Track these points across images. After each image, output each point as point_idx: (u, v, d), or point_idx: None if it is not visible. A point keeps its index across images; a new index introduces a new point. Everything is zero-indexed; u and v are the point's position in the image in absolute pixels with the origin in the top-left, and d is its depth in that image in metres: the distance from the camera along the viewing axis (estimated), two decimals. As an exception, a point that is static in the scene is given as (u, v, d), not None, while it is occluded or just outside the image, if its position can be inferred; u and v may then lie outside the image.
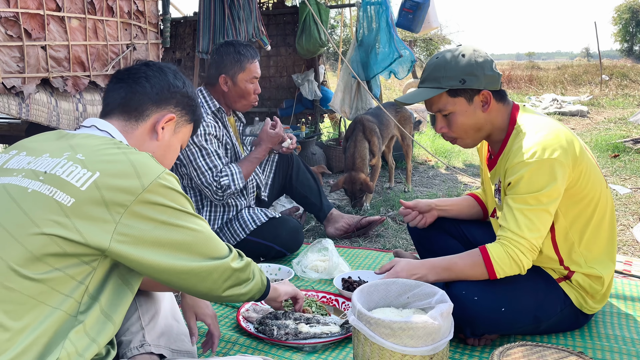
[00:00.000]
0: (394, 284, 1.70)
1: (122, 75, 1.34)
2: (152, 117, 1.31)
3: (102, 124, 1.26)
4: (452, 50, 1.78)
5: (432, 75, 1.76)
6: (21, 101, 2.30)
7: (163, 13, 3.47)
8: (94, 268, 1.08)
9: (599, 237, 1.77)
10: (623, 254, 2.79)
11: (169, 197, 1.13)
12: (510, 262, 1.65)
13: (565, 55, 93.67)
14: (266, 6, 6.33)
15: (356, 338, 1.54)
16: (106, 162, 1.11)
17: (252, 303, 2.12)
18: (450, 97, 1.75)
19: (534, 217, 1.63)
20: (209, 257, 1.20)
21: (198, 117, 1.44)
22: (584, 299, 1.80)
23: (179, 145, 1.40)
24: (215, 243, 1.23)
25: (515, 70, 19.04)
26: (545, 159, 1.61)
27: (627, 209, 3.60)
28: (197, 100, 1.43)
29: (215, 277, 1.23)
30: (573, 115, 9.42)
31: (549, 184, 1.61)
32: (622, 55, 31.40)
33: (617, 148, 5.84)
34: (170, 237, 1.12)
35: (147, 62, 1.37)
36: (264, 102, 6.61)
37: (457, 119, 1.76)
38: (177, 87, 1.35)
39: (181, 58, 6.68)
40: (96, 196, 1.06)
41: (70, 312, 1.05)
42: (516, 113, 1.80)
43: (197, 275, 1.19)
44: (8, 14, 2.24)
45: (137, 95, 1.30)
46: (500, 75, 1.79)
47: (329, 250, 2.55)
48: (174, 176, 1.17)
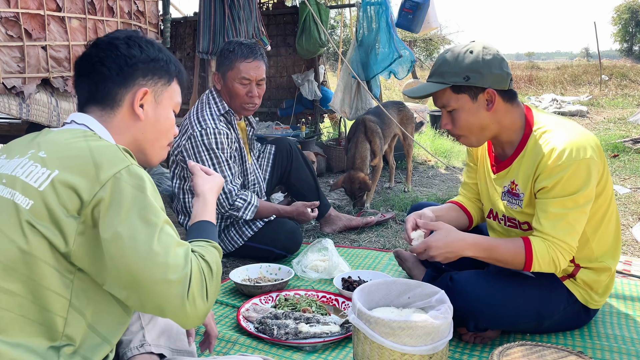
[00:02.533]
0: (394, 283, 1.71)
1: (79, 68, 1.24)
2: (126, 99, 1.21)
3: (80, 118, 1.20)
4: (462, 46, 1.74)
5: (439, 70, 1.74)
6: (21, 101, 2.30)
7: (163, 13, 3.48)
8: (71, 280, 1.03)
9: (608, 232, 1.78)
10: (623, 253, 2.79)
11: (126, 196, 1.03)
12: (549, 260, 1.65)
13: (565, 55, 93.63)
14: (266, 6, 6.34)
15: (356, 337, 1.54)
16: (67, 157, 1.05)
17: (253, 303, 2.12)
18: (453, 93, 1.72)
19: (572, 220, 1.62)
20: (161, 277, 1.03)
21: (176, 72, 1.30)
22: (589, 294, 1.81)
23: (169, 112, 1.29)
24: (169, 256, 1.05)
25: (515, 70, 19.02)
26: (581, 160, 1.59)
27: (627, 209, 3.60)
28: (164, 54, 1.28)
29: (171, 292, 1.04)
30: (573, 116, 9.42)
31: (585, 185, 1.60)
32: (621, 55, 31.39)
33: (616, 148, 5.84)
34: (123, 245, 1.01)
35: (96, 42, 1.24)
36: (264, 102, 6.61)
37: (461, 116, 1.73)
38: (134, 57, 1.22)
39: (181, 58, 6.68)
40: (53, 196, 1.01)
41: (54, 328, 1.02)
42: (530, 114, 1.77)
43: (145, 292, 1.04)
44: (8, 14, 2.24)
45: (100, 83, 1.20)
46: (510, 75, 1.73)
47: (328, 250, 2.55)
48: (138, 173, 1.07)
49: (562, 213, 1.62)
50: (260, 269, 2.46)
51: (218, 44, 3.71)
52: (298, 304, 2.08)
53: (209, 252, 1.18)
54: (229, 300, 2.24)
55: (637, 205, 3.68)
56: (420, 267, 2.30)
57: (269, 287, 2.25)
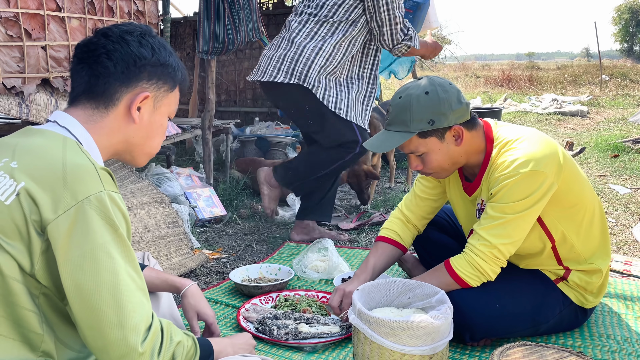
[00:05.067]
0: (394, 283, 1.70)
1: (82, 54, 1.15)
2: (123, 99, 1.14)
3: (63, 119, 1.11)
4: (414, 87, 1.71)
5: (399, 118, 1.70)
6: (21, 101, 2.30)
7: (163, 13, 3.48)
8: (37, 296, 1.00)
9: (593, 234, 1.79)
10: (623, 254, 2.79)
11: (92, 226, 0.96)
12: (472, 270, 1.68)
13: (565, 55, 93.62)
14: (266, 6, 6.34)
15: (356, 337, 1.54)
16: (37, 167, 0.99)
17: (252, 303, 2.12)
18: (421, 139, 1.70)
19: (507, 225, 1.64)
20: (115, 323, 0.97)
21: (181, 80, 1.24)
22: (583, 296, 1.81)
23: (164, 119, 1.23)
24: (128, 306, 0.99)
25: (515, 70, 19.04)
26: (527, 172, 1.61)
27: (627, 209, 3.60)
28: (174, 60, 1.21)
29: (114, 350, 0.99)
30: (573, 115, 9.42)
31: (528, 195, 1.61)
32: (622, 55, 31.40)
33: (617, 148, 5.83)
34: (81, 277, 0.96)
35: (106, 32, 1.15)
36: (264, 102, 6.61)
37: (431, 157, 1.73)
38: (144, 59, 1.14)
39: (181, 58, 6.67)
40: (19, 210, 0.95)
41: (33, 345, 1.00)
42: (490, 131, 1.77)
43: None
44: (8, 14, 2.24)
45: (101, 77, 1.12)
46: (469, 104, 1.73)
47: (329, 250, 2.55)
48: (109, 201, 0.99)
49: (499, 217, 1.64)
50: (260, 269, 2.46)
51: (218, 44, 3.71)
52: (298, 304, 2.08)
53: (180, 335, 1.11)
54: (228, 301, 2.24)
55: (637, 205, 3.68)
56: (420, 267, 2.29)
57: (269, 287, 2.25)
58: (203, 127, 3.85)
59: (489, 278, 1.69)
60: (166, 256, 2.56)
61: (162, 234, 2.59)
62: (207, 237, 3.19)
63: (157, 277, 1.58)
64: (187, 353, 1.10)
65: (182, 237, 2.69)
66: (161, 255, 2.53)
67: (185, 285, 1.59)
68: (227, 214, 3.52)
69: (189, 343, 1.12)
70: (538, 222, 1.72)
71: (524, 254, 1.80)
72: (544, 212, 1.69)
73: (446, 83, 1.71)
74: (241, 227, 3.38)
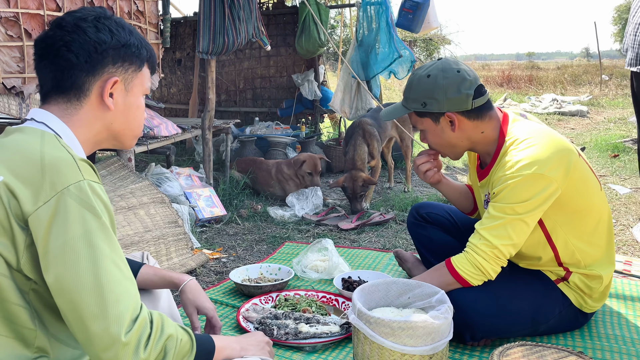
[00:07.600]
0: (394, 283, 1.71)
1: (41, 50, 1.11)
2: (94, 89, 1.11)
3: (40, 115, 1.09)
4: (425, 67, 1.75)
5: (405, 93, 1.80)
6: (21, 101, 2.30)
7: (163, 13, 3.48)
8: (27, 292, 1.00)
9: (598, 241, 1.77)
10: (623, 253, 2.79)
11: (72, 215, 0.95)
12: (473, 268, 1.69)
13: (565, 55, 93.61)
14: (266, 6, 6.34)
15: (356, 337, 1.54)
16: (15, 162, 0.98)
17: (252, 303, 2.12)
18: (418, 116, 1.79)
19: (508, 226, 1.64)
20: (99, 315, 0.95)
21: (147, 57, 1.20)
22: (583, 299, 1.80)
23: (139, 99, 1.20)
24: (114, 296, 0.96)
25: (515, 70, 19.03)
26: (530, 174, 1.60)
27: (627, 209, 3.60)
28: (135, 38, 1.17)
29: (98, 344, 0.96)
30: (573, 115, 9.42)
31: (530, 197, 1.61)
32: (622, 55, 31.40)
33: (616, 148, 5.83)
34: (65, 268, 0.94)
35: (60, 22, 1.11)
36: (264, 102, 6.62)
37: (428, 136, 1.82)
38: (104, 43, 1.10)
39: (181, 58, 6.69)
40: (0, 206, 0.95)
41: (27, 341, 1.00)
42: (505, 125, 1.76)
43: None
44: (8, 14, 2.24)
45: (66, 71, 1.09)
46: (471, 95, 1.69)
47: (329, 250, 2.55)
48: (90, 190, 0.98)
49: (500, 217, 1.65)
50: (260, 269, 2.46)
51: (218, 44, 3.71)
52: (298, 304, 2.08)
53: (173, 328, 1.06)
54: (229, 301, 2.24)
55: (637, 205, 3.68)
56: (420, 267, 2.29)
57: (269, 287, 2.25)
58: (203, 127, 3.85)
59: (490, 277, 1.70)
60: (166, 256, 2.56)
61: (162, 234, 2.60)
62: (207, 237, 3.19)
63: (155, 274, 1.55)
64: (182, 348, 1.05)
65: (182, 237, 2.69)
66: (161, 255, 2.53)
67: (183, 281, 1.56)
68: (227, 214, 3.52)
69: (183, 337, 1.07)
70: (539, 225, 1.72)
71: (524, 255, 1.80)
72: (545, 216, 1.69)
73: (453, 70, 1.69)
74: (241, 227, 3.38)
